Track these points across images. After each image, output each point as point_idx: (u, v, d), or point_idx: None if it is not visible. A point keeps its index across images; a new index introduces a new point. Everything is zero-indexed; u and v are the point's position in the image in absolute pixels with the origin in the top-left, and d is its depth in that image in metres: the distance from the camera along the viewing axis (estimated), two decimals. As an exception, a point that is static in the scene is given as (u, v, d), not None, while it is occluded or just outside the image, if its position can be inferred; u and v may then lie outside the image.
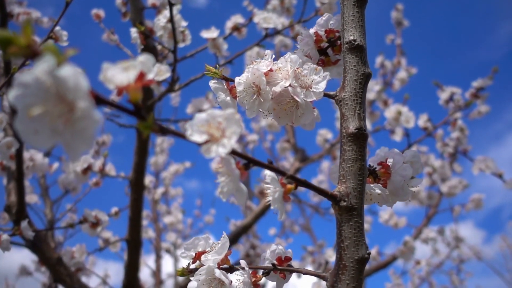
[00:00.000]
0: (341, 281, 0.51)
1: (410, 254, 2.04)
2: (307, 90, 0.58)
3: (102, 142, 3.15)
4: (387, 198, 0.64)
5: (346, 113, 0.56)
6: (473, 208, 2.46)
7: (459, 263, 4.42)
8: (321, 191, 0.53)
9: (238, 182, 0.42)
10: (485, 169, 1.66)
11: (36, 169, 1.62)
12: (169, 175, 3.31)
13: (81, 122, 0.30)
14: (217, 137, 0.39)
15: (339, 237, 0.53)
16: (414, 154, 0.67)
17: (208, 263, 0.59)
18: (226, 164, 0.42)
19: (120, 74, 0.34)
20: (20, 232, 1.14)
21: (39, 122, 0.30)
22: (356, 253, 0.52)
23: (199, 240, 0.66)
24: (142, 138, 1.56)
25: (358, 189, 0.54)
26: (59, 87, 0.29)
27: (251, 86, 0.59)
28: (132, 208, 1.61)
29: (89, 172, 1.58)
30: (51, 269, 1.57)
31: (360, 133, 0.55)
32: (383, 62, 3.01)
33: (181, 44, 1.34)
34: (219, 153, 0.38)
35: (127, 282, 1.70)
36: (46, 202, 2.43)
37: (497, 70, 1.89)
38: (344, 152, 0.55)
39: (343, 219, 0.53)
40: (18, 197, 1.52)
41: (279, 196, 0.48)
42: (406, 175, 0.62)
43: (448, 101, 1.88)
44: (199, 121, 0.40)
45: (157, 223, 2.77)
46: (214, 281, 0.60)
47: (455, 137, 2.34)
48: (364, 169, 0.55)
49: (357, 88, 0.57)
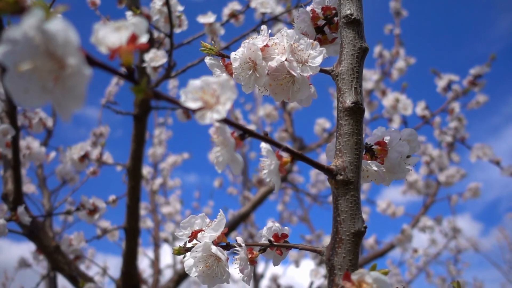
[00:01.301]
0: (337, 254, 0.51)
1: (407, 242, 2.05)
2: (303, 65, 0.57)
3: (100, 133, 3.14)
4: (383, 175, 0.64)
5: (342, 87, 0.56)
6: (470, 197, 2.46)
7: (457, 254, 4.44)
8: (317, 165, 0.52)
9: (233, 151, 0.42)
10: (483, 157, 1.66)
11: (33, 157, 1.62)
12: (167, 166, 3.31)
13: (72, 79, 0.29)
14: (212, 103, 0.39)
15: (336, 211, 0.53)
16: (411, 133, 0.67)
17: (205, 240, 0.59)
18: (221, 133, 0.42)
19: (112, 34, 0.33)
20: (16, 218, 1.14)
21: (29, 80, 0.29)
22: (352, 227, 0.51)
23: (195, 218, 0.66)
24: (139, 125, 1.55)
25: (355, 163, 0.53)
26: (48, 43, 0.28)
27: (247, 62, 0.58)
28: (129, 196, 1.60)
29: (86, 160, 1.57)
30: (49, 257, 1.57)
31: (357, 107, 0.54)
32: (381, 52, 3.00)
33: (178, 30, 1.33)
34: (213, 119, 0.38)
35: (126, 270, 1.70)
36: (43, 192, 2.43)
37: (495, 57, 1.88)
38: (341, 127, 0.55)
39: (340, 193, 0.53)
40: (15, 185, 1.51)
41: (275, 168, 0.48)
42: (403, 151, 0.62)
43: (446, 89, 1.87)
44: (193, 87, 0.39)
45: (156, 214, 2.77)
46: (210, 258, 0.60)
47: (453, 127, 2.34)
48: (360, 143, 0.54)
49: (353, 63, 0.56)
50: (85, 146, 1.53)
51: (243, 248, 0.59)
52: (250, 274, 0.59)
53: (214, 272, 0.59)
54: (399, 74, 2.86)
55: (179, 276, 1.79)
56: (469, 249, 5.37)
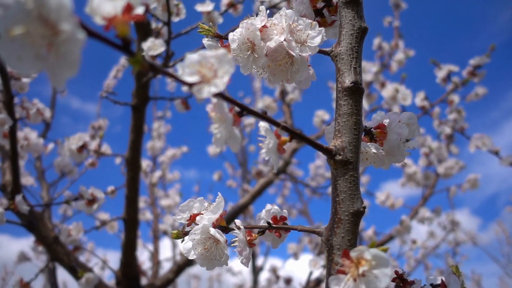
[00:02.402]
0: (336, 234, 0.51)
1: (406, 233, 2.05)
2: (302, 45, 0.57)
3: (98, 126, 3.13)
4: (382, 158, 0.64)
5: (341, 67, 0.56)
6: (469, 188, 2.47)
7: (455, 246, 4.47)
8: (316, 144, 0.52)
9: (231, 127, 0.42)
10: (482, 147, 1.66)
11: (31, 148, 1.61)
12: (166, 159, 3.31)
13: (65, 46, 0.29)
14: (209, 77, 0.38)
15: (334, 191, 0.53)
16: (411, 116, 0.67)
17: (203, 222, 0.59)
18: (219, 109, 0.41)
19: (107, 3, 0.32)
20: (14, 207, 1.13)
21: (22, 48, 0.29)
22: (351, 207, 0.51)
23: (194, 202, 0.66)
24: (137, 116, 1.54)
25: (354, 143, 0.53)
26: (41, 8, 0.28)
27: (245, 42, 0.58)
28: (128, 187, 1.60)
29: (85, 151, 1.56)
30: (48, 248, 1.57)
31: (356, 87, 0.54)
32: (380, 44, 2.99)
33: (176, 18, 1.32)
34: (211, 93, 0.38)
35: (125, 261, 1.71)
36: (42, 185, 2.42)
37: (495, 48, 1.87)
38: (340, 107, 0.55)
39: (338, 173, 0.53)
40: (13, 176, 1.51)
41: (274, 147, 0.47)
42: (402, 133, 0.61)
43: (446, 80, 1.86)
44: (190, 61, 0.39)
45: (155, 207, 2.77)
46: (209, 240, 0.60)
47: (452, 119, 2.34)
48: (359, 124, 0.54)
49: (353, 43, 0.56)
50: (83, 137, 1.53)
51: (242, 230, 0.59)
52: (248, 256, 0.58)
53: (212, 255, 0.59)
54: (398, 66, 2.85)
55: (179, 267, 1.79)
56: (468, 242, 5.40)
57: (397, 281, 0.66)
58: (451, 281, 0.66)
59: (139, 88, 1.52)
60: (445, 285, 0.66)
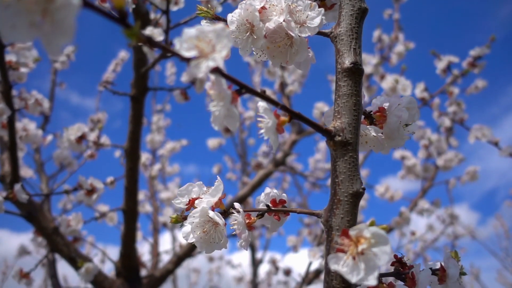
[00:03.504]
0: (335, 215, 0.51)
1: (405, 224, 2.06)
2: (301, 26, 0.56)
3: (97, 119, 3.12)
4: (382, 142, 0.64)
5: (341, 48, 0.55)
6: (468, 180, 2.47)
7: (454, 240, 4.48)
8: (315, 125, 0.52)
9: (229, 104, 0.41)
10: (481, 137, 1.66)
11: (30, 139, 1.60)
12: (166, 153, 3.30)
13: (60, 12, 0.28)
14: (207, 52, 0.38)
15: (334, 172, 0.53)
16: (411, 100, 0.66)
17: (202, 205, 0.59)
18: (217, 85, 0.41)
19: (103, -28, 0.32)
20: (13, 196, 1.13)
21: (16, 15, 0.28)
22: (350, 187, 0.51)
23: (193, 186, 0.65)
24: (136, 106, 1.54)
25: (353, 124, 0.53)
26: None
27: (244, 24, 0.57)
28: (127, 178, 1.60)
29: (83, 142, 1.56)
30: (48, 239, 1.57)
31: (356, 67, 0.53)
32: (380, 36, 2.97)
33: (174, 7, 1.31)
34: (209, 67, 0.37)
35: (125, 252, 1.71)
36: (41, 177, 2.42)
37: (495, 39, 1.87)
38: (339, 88, 0.54)
39: (338, 154, 0.52)
40: (12, 167, 1.51)
41: (272, 126, 0.47)
42: (402, 116, 0.61)
43: (446, 71, 1.86)
44: (188, 36, 0.38)
45: (154, 199, 2.77)
46: (208, 223, 0.59)
47: (451, 111, 2.34)
48: (359, 105, 0.54)
49: (352, 23, 0.55)
50: (82, 127, 1.52)
51: (241, 213, 0.58)
52: (247, 239, 0.58)
53: (211, 238, 0.59)
54: (398, 58, 2.84)
55: (178, 258, 1.80)
56: (466, 236, 5.41)
57: (396, 265, 0.66)
58: (450, 265, 0.66)
59: (138, 79, 1.51)
60: (444, 269, 0.66)
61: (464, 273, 0.68)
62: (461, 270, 0.67)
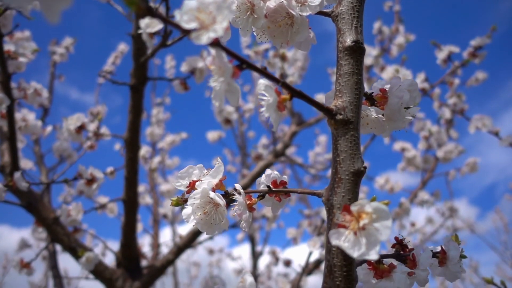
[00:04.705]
0: (337, 194, 0.51)
1: (405, 215, 2.06)
2: (302, 5, 0.56)
3: (97, 112, 3.12)
4: (383, 124, 0.63)
5: (342, 27, 0.55)
6: (468, 171, 2.47)
7: (453, 232, 4.49)
8: (316, 103, 0.51)
9: (230, 78, 0.41)
10: (482, 127, 1.66)
11: (29, 130, 1.60)
12: (166, 146, 3.30)
13: (59, -26, 0.28)
14: (208, 24, 0.38)
15: (335, 151, 0.52)
16: (412, 83, 0.66)
17: (203, 186, 0.58)
18: (218, 59, 0.40)
19: None
20: (13, 184, 1.13)
21: (14, -21, 0.28)
22: (352, 166, 0.51)
23: (193, 169, 0.65)
24: (135, 96, 1.53)
25: (355, 103, 0.52)
26: None
27: (244, 3, 0.57)
28: (127, 168, 1.60)
29: (83, 132, 1.55)
30: (48, 229, 1.57)
31: (357, 46, 0.53)
32: (380, 28, 2.96)
33: (174, -5, 1.30)
34: (210, 38, 0.37)
35: (125, 242, 1.71)
36: (41, 169, 2.42)
37: (496, 29, 1.86)
38: (341, 67, 0.54)
39: (339, 133, 0.52)
40: (11, 157, 1.50)
41: (273, 103, 0.47)
42: (403, 96, 0.61)
43: (446, 61, 1.85)
44: (188, 8, 0.38)
45: (154, 191, 2.78)
46: (209, 204, 0.59)
47: (452, 103, 2.33)
48: (360, 84, 0.53)
49: (354, 2, 0.55)
50: (82, 117, 1.52)
51: (242, 193, 0.58)
52: (248, 220, 0.58)
53: (212, 219, 0.59)
54: (398, 50, 2.83)
55: (179, 248, 1.80)
56: (465, 229, 5.42)
57: (397, 247, 0.66)
58: (451, 247, 0.66)
59: (137, 68, 1.50)
60: (445, 251, 0.66)
61: (464, 256, 0.68)
62: (462, 253, 0.67)
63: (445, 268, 0.66)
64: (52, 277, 1.98)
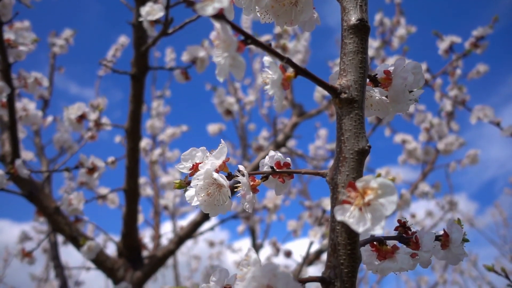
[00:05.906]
0: (341, 173, 0.50)
1: (405, 206, 2.07)
2: (306, -17, 0.55)
3: (97, 104, 3.11)
4: (387, 106, 0.63)
5: (347, 6, 0.54)
6: (469, 163, 2.47)
7: (453, 225, 4.51)
8: (321, 82, 0.51)
9: (235, 52, 0.41)
10: (483, 118, 1.65)
11: (29, 119, 1.60)
12: (166, 138, 3.30)
13: None
14: (213, -5, 0.37)
15: (339, 130, 0.52)
16: (416, 65, 0.66)
17: (206, 167, 0.58)
18: (223, 32, 0.40)
19: None
20: (14, 171, 1.13)
21: None
22: (356, 145, 0.51)
23: (196, 151, 0.65)
24: (136, 85, 1.52)
25: (359, 82, 0.52)
26: None
27: (248, -18, 0.56)
28: (128, 158, 1.59)
29: (84, 122, 1.55)
30: (49, 219, 1.58)
31: (362, 24, 0.53)
32: (382, 19, 2.95)
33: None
34: (216, 9, 0.36)
35: (126, 232, 1.72)
36: (42, 161, 2.42)
37: (498, 19, 1.85)
38: (345, 46, 0.53)
39: (344, 112, 0.52)
40: (12, 146, 1.50)
41: (278, 80, 0.46)
42: (407, 78, 0.60)
43: (448, 51, 1.84)
44: (193, -22, 0.37)
45: (155, 183, 2.78)
46: (212, 185, 0.59)
47: (453, 95, 2.33)
48: (365, 62, 0.53)
49: (359, -20, 0.54)
50: (83, 107, 1.51)
51: (245, 174, 0.58)
52: (251, 201, 0.58)
53: (215, 200, 0.59)
54: (399, 42, 2.82)
55: (180, 238, 1.81)
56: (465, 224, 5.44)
57: (400, 229, 0.66)
58: (454, 230, 0.66)
59: (138, 57, 1.49)
60: (448, 234, 0.66)
61: (466, 240, 0.68)
62: (464, 237, 0.67)
63: (447, 251, 0.66)
64: (53, 267, 1.98)
